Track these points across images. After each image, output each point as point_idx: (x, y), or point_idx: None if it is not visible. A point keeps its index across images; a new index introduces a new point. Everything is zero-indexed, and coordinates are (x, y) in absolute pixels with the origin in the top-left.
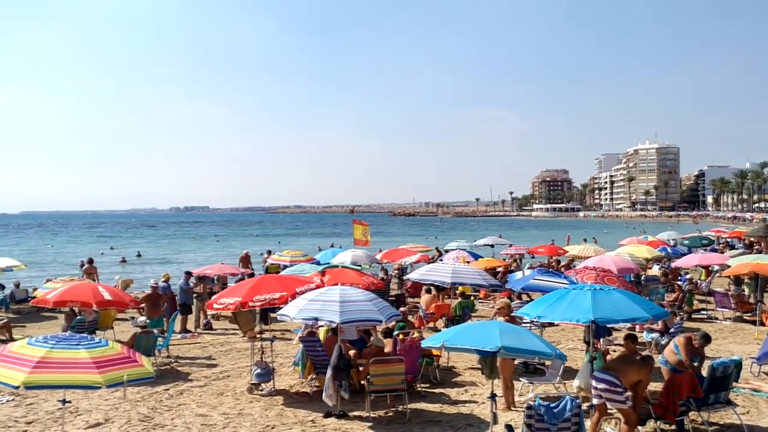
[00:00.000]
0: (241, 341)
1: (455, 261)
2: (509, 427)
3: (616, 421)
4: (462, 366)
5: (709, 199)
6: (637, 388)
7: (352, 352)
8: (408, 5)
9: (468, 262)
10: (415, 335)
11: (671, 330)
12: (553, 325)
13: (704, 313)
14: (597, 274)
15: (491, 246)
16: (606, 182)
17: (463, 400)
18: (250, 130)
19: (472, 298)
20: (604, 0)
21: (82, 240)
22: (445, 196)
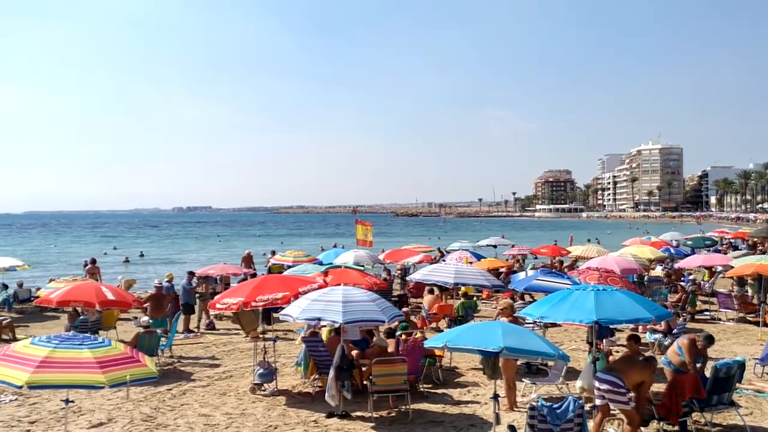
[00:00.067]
0: (244, 341)
1: (458, 261)
2: (512, 428)
3: (619, 422)
4: (465, 366)
5: (713, 200)
6: (640, 389)
7: (354, 353)
8: (411, 5)
9: (471, 263)
10: (418, 335)
11: (674, 331)
12: (556, 325)
13: (707, 314)
14: (600, 275)
15: (494, 246)
16: (609, 183)
17: (466, 400)
18: (253, 131)
19: (474, 299)
20: (607, 0)
21: (86, 240)
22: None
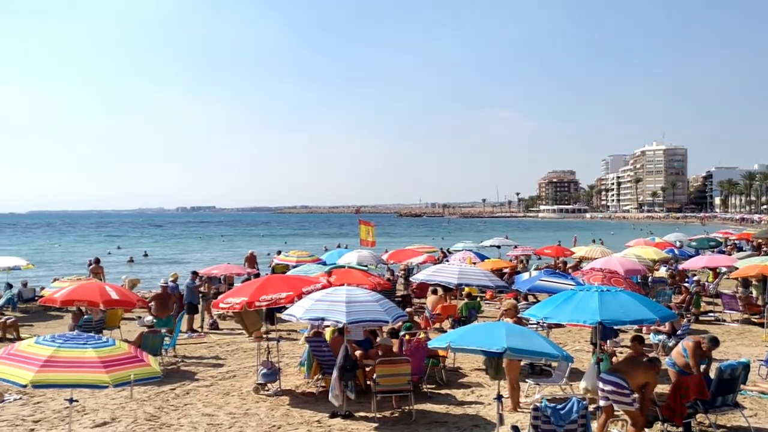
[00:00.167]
0: (248, 341)
1: (462, 262)
2: (516, 429)
3: (623, 423)
4: (468, 367)
5: (717, 201)
6: (644, 390)
7: (358, 353)
8: (415, 5)
9: (474, 263)
10: (422, 336)
11: (678, 332)
12: (559, 326)
13: (712, 315)
14: (604, 276)
15: (498, 247)
16: (613, 183)
17: (469, 401)
18: (256, 131)
19: (478, 299)
20: (611, 0)
21: (90, 239)
22: (452, 197)
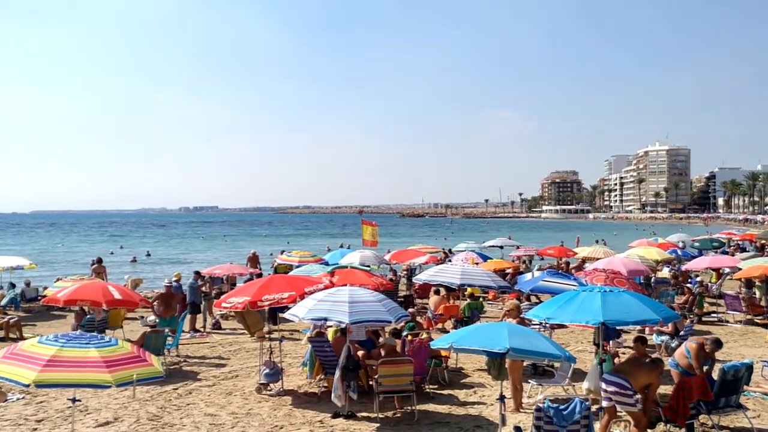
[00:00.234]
0: (250, 341)
1: (464, 262)
2: (518, 429)
3: (626, 423)
4: (471, 367)
5: (720, 201)
6: (646, 391)
7: (360, 353)
8: (416, 5)
9: (477, 264)
10: (424, 336)
11: (681, 333)
12: (562, 326)
13: (715, 315)
14: (606, 276)
15: (500, 247)
16: (616, 184)
17: (472, 401)
18: (259, 131)
19: (480, 300)
20: (614, 1)
21: (93, 239)
22: (454, 198)
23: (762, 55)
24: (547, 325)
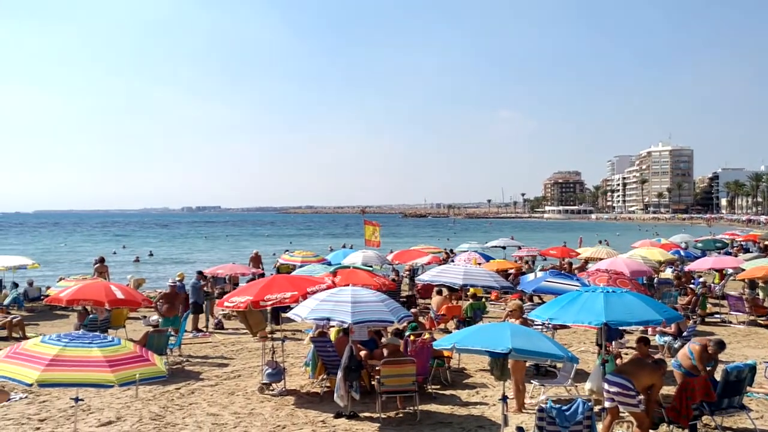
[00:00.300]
0: (252, 341)
1: (467, 262)
2: (520, 430)
3: (629, 424)
4: (473, 368)
5: (723, 202)
6: (649, 392)
7: (363, 353)
8: (418, 5)
9: (479, 264)
10: (426, 336)
11: (684, 333)
12: (564, 327)
13: (718, 316)
14: (609, 277)
15: (503, 248)
16: (618, 184)
17: (474, 401)
18: (262, 131)
19: (483, 300)
20: (617, 1)
21: (96, 239)
22: (457, 198)
23: (766, 56)
24: (550, 326)
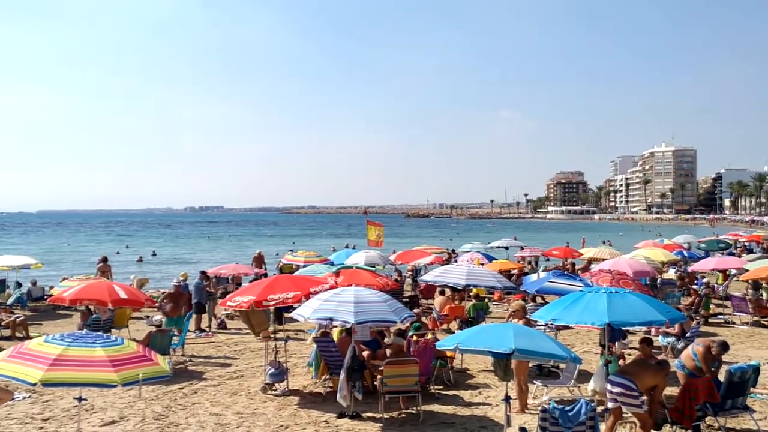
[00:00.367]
0: (255, 341)
1: (469, 263)
2: (523, 430)
3: (632, 425)
4: (476, 368)
5: (727, 203)
6: (652, 393)
7: (365, 353)
8: (423, 6)
9: (482, 264)
10: (429, 337)
11: (688, 334)
12: (567, 327)
13: (721, 317)
14: (612, 277)
15: (506, 248)
16: (621, 185)
17: (477, 402)
18: (264, 131)
19: (486, 300)
20: (620, 1)
21: (99, 239)
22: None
23: None
24: (553, 326)
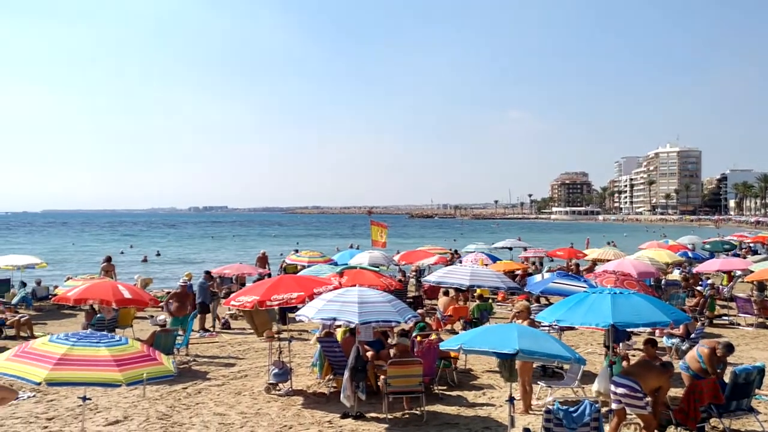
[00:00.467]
0: (259, 341)
1: (473, 263)
2: (527, 431)
3: (636, 426)
4: (480, 369)
5: (732, 204)
6: (657, 394)
7: (369, 354)
8: (427, 6)
9: (486, 265)
10: (433, 337)
11: (692, 335)
12: (572, 328)
13: (726, 318)
14: (616, 278)
15: (509, 249)
16: (626, 185)
17: (481, 402)
18: (269, 131)
19: (490, 301)
20: (625, 2)
21: (104, 238)
22: (463, 198)
23: None
24: (557, 327)
